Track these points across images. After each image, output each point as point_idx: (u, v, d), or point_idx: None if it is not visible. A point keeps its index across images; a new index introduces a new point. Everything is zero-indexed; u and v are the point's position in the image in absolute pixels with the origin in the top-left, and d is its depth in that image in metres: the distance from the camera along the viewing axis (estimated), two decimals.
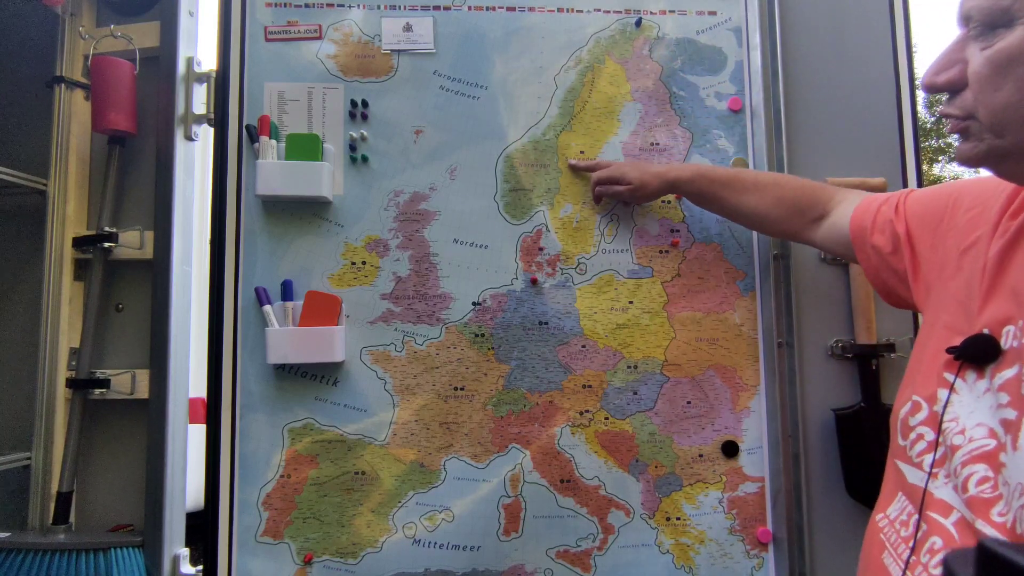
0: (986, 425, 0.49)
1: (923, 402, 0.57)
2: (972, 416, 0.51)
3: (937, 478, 0.53)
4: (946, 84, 0.49)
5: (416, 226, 0.98)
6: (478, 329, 0.97)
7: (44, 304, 1.03)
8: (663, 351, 0.98)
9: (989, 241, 0.55)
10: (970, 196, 0.61)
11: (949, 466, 0.51)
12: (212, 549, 0.92)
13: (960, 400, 0.52)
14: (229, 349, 0.95)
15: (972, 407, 0.51)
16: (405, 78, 0.99)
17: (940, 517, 0.51)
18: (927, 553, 0.50)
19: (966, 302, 0.56)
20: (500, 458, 0.96)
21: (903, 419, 0.59)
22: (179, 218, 1.02)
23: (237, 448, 0.94)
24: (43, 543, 0.96)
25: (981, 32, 0.47)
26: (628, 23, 1.01)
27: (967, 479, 0.48)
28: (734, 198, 0.87)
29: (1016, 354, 0.48)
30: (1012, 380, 0.48)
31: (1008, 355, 0.49)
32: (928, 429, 0.56)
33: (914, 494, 0.55)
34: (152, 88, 1.05)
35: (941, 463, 0.53)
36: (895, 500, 0.58)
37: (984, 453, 0.48)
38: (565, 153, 1.00)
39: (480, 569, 0.94)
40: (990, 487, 0.47)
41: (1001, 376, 0.49)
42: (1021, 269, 0.51)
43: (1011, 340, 0.49)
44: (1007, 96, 0.46)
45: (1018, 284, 0.51)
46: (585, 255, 0.99)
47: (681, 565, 0.95)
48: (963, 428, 0.51)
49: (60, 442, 1.01)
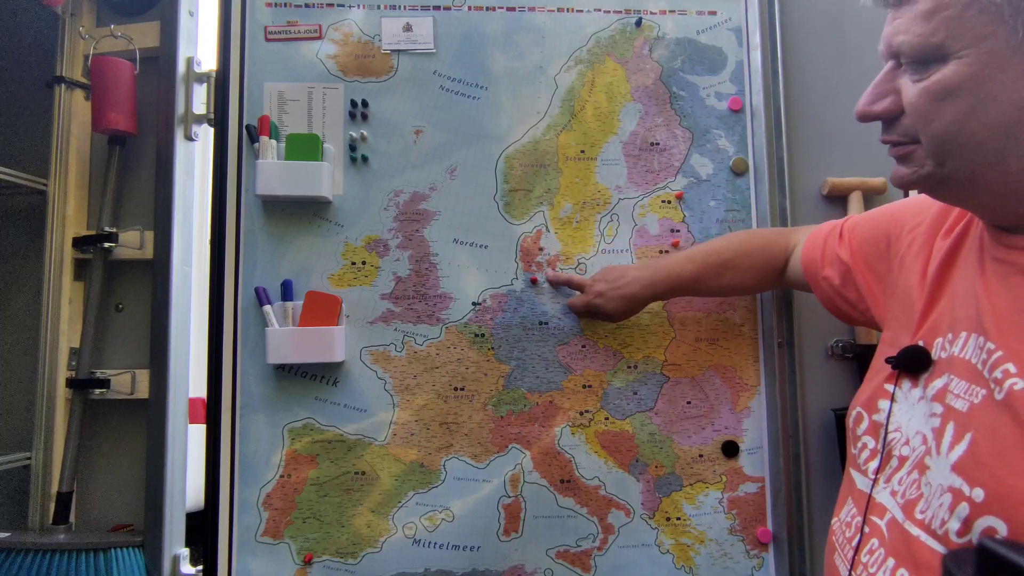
0: (921, 432, 0.52)
1: (864, 412, 0.61)
2: (911, 424, 0.54)
3: (878, 483, 0.57)
4: (884, 112, 0.51)
5: (416, 226, 0.98)
6: (478, 329, 0.97)
7: (44, 304, 1.03)
8: (663, 351, 0.98)
9: (926, 259, 0.59)
10: (910, 215, 0.65)
11: (896, 474, 0.54)
12: (212, 549, 0.92)
13: (899, 409, 0.56)
14: (229, 349, 0.95)
15: (909, 415, 0.55)
16: (405, 78, 0.99)
17: (877, 519, 0.55)
18: (867, 553, 0.54)
19: (905, 318, 0.60)
20: (500, 458, 0.96)
21: (851, 429, 0.64)
22: (179, 218, 1.02)
23: (237, 448, 0.94)
24: (43, 543, 0.96)
25: (913, 68, 0.48)
26: (628, 23, 1.01)
27: (908, 486, 0.52)
28: (712, 284, 0.88)
29: (945, 364, 0.52)
30: (941, 390, 0.51)
31: (938, 365, 0.53)
32: (870, 438, 0.60)
33: (860, 499, 0.59)
34: (152, 88, 1.05)
35: (882, 469, 0.57)
36: (846, 505, 0.62)
37: (919, 460, 0.52)
38: (565, 153, 1.00)
39: (480, 569, 0.94)
40: (916, 489, 0.51)
41: (933, 386, 0.52)
42: (955, 285, 0.55)
43: (939, 351, 0.53)
44: (946, 126, 0.46)
45: (952, 300, 0.54)
46: (585, 255, 0.99)
47: (681, 565, 0.95)
48: (907, 439, 0.54)
49: (60, 442, 1.01)
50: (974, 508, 0.43)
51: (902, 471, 0.54)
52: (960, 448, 0.46)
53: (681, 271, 0.88)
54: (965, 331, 0.51)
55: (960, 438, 0.47)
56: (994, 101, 0.44)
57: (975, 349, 0.49)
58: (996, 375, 0.45)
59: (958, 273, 0.55)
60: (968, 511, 0.44)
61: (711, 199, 1.00)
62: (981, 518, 0.43)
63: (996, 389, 0.45)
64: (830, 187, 0.99)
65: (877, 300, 0.68)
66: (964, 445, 0.46)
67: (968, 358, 0.49)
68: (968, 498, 0.44)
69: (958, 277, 0.55)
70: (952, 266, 0.56)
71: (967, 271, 0.54)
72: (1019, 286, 0.47)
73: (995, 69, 0.44)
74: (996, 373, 0.45)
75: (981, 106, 0.45)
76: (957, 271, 0.55)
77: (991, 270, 0.51)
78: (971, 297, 0.51)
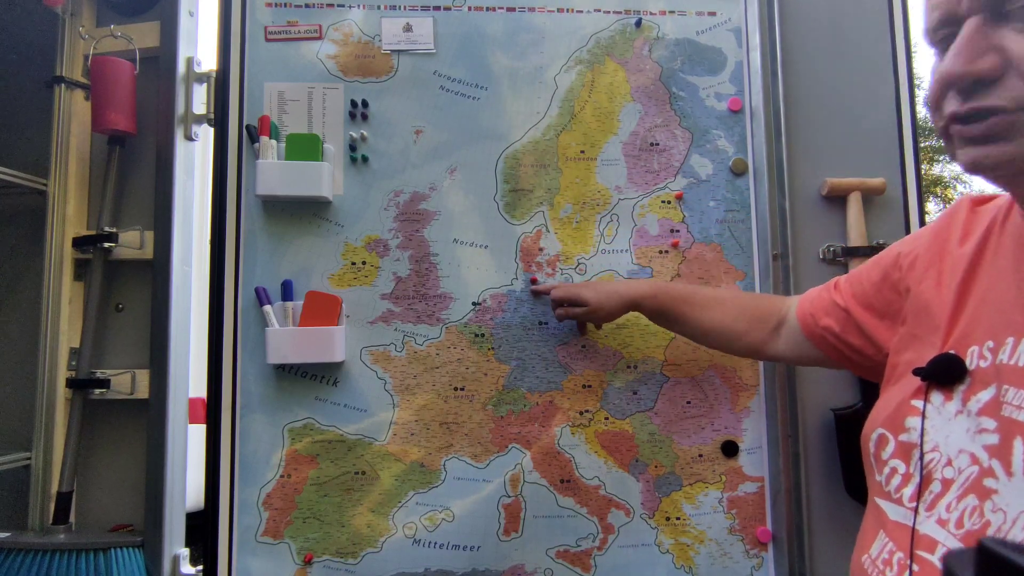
0: (967, 451, 0.47)
1: (888, 433, 0.55)
2: (950, 442, 0.49)
3: (919, 513, 0.50)
4: (990, 71, 0.41)
5: (416, 226, 0.98)
6: (478, 329, 0.97)
7: (44, 304, 1.03)
8: (663, 351, 0.98)
9: (939, 271, 0.55)
10: (903, 245, 0.62)
11: (941, 500, 0.48)
12: (212, 549, 0.92)
13: (933, 425, 0.50)
14: (229, 349, 0.95)
15: (946, 431, 0.49)
16: (405, 78, 0.99)
17: (927, 554, 0.48)
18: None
19: (927, 334, 0.55)
20: (500, 458, 0.96)
21: (874, 455, 0.57)
22: (179, 218, 1.02)
23: (237, 448, 0.94)
24: (43, 543, 0.96)
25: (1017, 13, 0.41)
26: (628, 23, 1.02)
27: (962, 513, 0.46)
28: (696, 313, 0.83)
29: (987, 374, 0.47)
30: (991, 403, 0.46)
31: (976, 375, 0.48)
32: (899, 462, 0.53)
33: (897, 532, 0.52)
34: (152, 88, 1.05)
35: (921, 496, 0.50)
36: (876, 539, 0.54)
37: (973, 483, 0.46)
38: (565, 153, 1.00)
39: (480, 569, 0.94)
40: (979, 516, 0.44)
41: (977, 400, 0.47)
42: (984, 292, 0.50)
43: (977, 360, 0.48)
44: None
45: (983, 306, 0.50)
46: (585, 255, 0.99)
47: (681, 565, 0.95)
48: (948, 459, 0.48)
49: (60, 442, 1.01)
50: None
51: (949, 496, 0.47)
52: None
53: (671, 286, 0.87)
54: (1013, 336, 0.46)
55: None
56: None
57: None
58: None
59: (985, 278, 0.51)
60: None
61: (711, 199, 1.00)
62: None
63: None
64: (829, 187, 0.99)
65: (884, 336, 0.63)
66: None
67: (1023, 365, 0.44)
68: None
69: (986, 282, 0.51)
70: (976, 271, 0.52)
71: (997, 275, 0.50)
72: None
73: None
74: None
75: None
76: (983, 276, 0.51)
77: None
78: (1009, 299, 0.47)
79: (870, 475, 0.58)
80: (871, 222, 0.99)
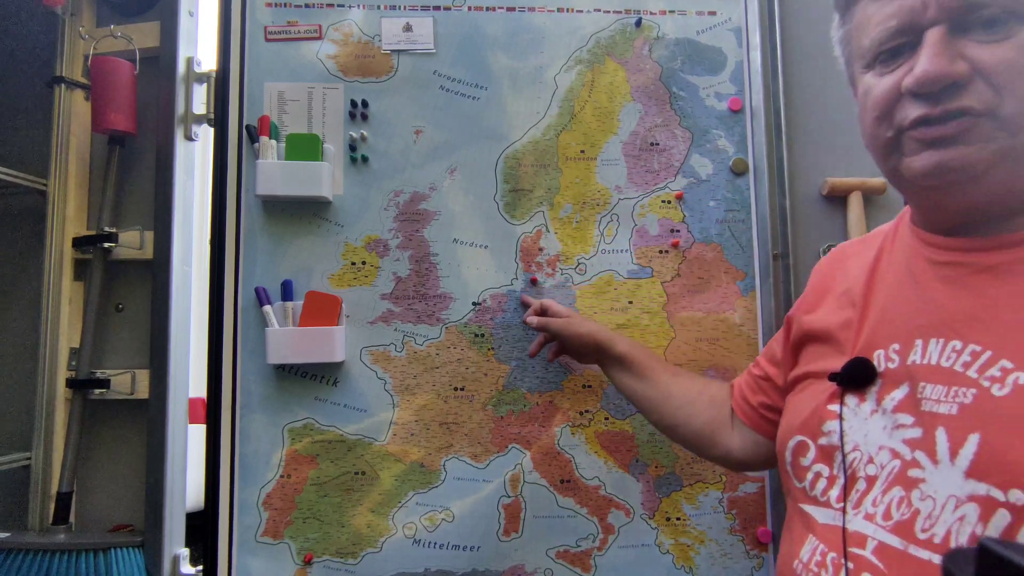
0: (887, 447, 0.49)
1: (808, 440, 0.57)
2: (869, 441, 0.51)
3: (847, 512, 0.51)
4: (963, 74, 0.44)
5: (416, 226, 0.98)
6: (478, 329, 0.97)
7: (44, 304, 1.03)
8: (663, 351, 0.98)
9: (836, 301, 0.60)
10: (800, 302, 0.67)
11: (866, 497, 0.50)
12: (212, 549, 0.92)
13: (850, 427, 0.52)
14: (229, 349, 0.95)
15: (864, 431, 0.51)
16: (405, 78, 0.99)
17: (858, 550, 0.49)
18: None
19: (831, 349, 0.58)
20: (500, 458, 0.96)
21: (792, 463, 0.58)
22: (179, 218, 1.02)
23: (237, 448, 0.94)
24: (43, 543, 0.96)
25: (992, 26, 0.44)
26: (628, 23, 1.01)
27: (889, 505, 0.48)
28: (666, 378, 0.81)
29: (897, 374, 0.50)
30: (906, 400, 0.49)
31: (886, 376, 0.51)
32: (822, 465, 0.55)
33: (827, 534, 0.53)
34: (152, 88, 1.05)
35: (848, 495, 0.52)
36: (806, 543, 0.55)
37: (897, 475, 0.48)
38: (565, 153, 1.00)
39: (480, 569, 0.94)
40: (907, 507, 0.46)
41: (891, 398, 0.50)
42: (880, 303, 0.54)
43: (885, 363, 0.51)
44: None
45: (880, 316, 0.54)
46: (585, 255, 0.99)
47: (681, 565, 0.95)
48: (869, 456, 0.50)
49: (60, 442, 1.01)
50: (1018, 512, 0.40)
51: (874, 492, 0.49)
52: (967, 452, 0.43)
53: (635, 343, 0.85)
54: (921, 339, 0.49)
55: (962, 441, 0.44)
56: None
57: (948, 353, 0.47)
58: (992, 373, 0.44)
59: (883, 290, 0.55)
60: (1010, 518, 0.40)
61: (711, 199, 1.00)
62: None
63: (994, 386, 0.44)
64: (830, 187, 0.99)
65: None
66: (972, 448, 0.43)
67: (938, 363, 0.48)
68: (1006, 504, 0.40)
69: (884, 293, 0.55)
70: (872, 286, 0.56)
71: (895, 284, 0.54)
72: (984, 284, 0.47)
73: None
74: (992, 371, 0.44)
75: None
76: (880, 288, 0.55)
77: (937, 275, 0.50)
78: (914, 306, 0.51)
79: (789, 483, 0.60)
80: (872, 222, 0.99)
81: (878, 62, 0.50)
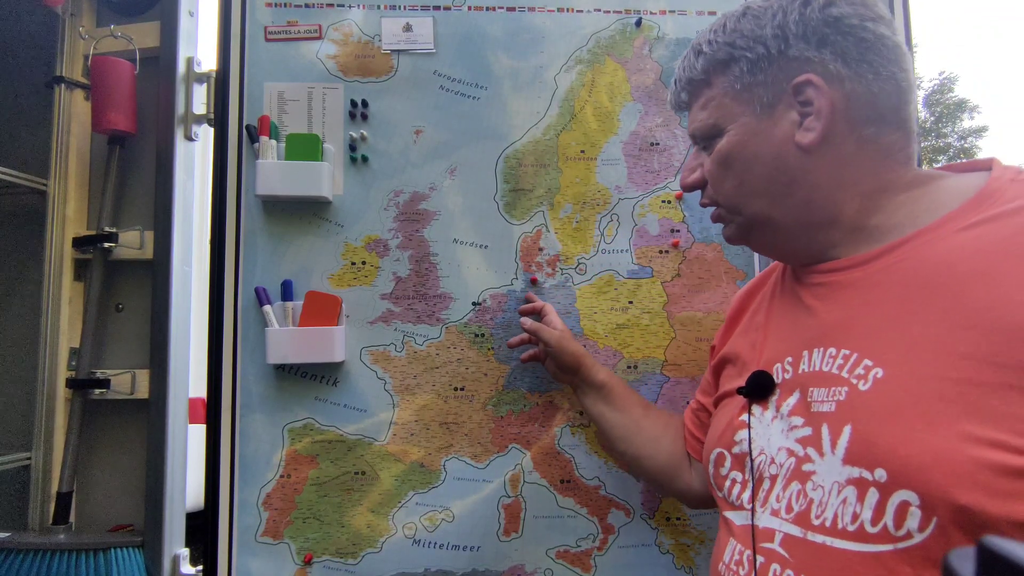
0: (784, 447, 0.56)
1: (724, 451, 0.64)
2: (771, 444, 0.57)
3: (756, 512, 0.57)
4: (694, 182, 0.64)
5: (416, 226, 0.98)
6: (478, 329, 0.97)
7: (44, 304, 1.03)
8: (663, 351, 0.98)
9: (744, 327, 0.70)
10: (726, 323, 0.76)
11: (771, 495, 0.56)
12: (212, 549, 0.92)
13: (757, 434, 0.60)
14: (229, 349, 0.95)
15: (767, 436, 0.58)
16: (405, 78, 0.99)
17: (767, 544, 0.55)
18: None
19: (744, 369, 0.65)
20: (500, 458, 0.96)
21: (714, 474, 0.65)
22: (179, 218, 1.02)
23: (237, 448, 0.94)
24: (43, 543, 0.96)
25: (705, 144, 0.63)
26: (628, 23, 1.02)
27: (790, 499, 0.54)
28: (639, 411, 0.84)
29: (791, 384, 0.57)
30: (799, 404, 0.56)
31: (783, 386, 0.58)
32: (737, 472, 0.62)
33: (742, 534, 0.59)
34: (152, 88, 1.05)
35: (755, 495, 0.58)
36: (728, 547, 0.61)
37: (793, 471, 0.54)
38: (565, 153, 1.00)
39: (480, 569, 0.94)
40: (804, 498, 0.52)
41: (787, 404, 0.57)
42: (775, 325, 0.64)
43: (782, 374, 0.59)
44: (731, 184, 0.61)
45: (776, 336, 0.63)
46: (585, 255, 0.99)
47: (681, 565, 0.95)
48: (771, 458, 0.57)
49: (60, 442, 1.01)
50: (882, 489, 0.46)
51: (776, 489, 0.55)
52: (843, 442, 0.50)
53: (613, 374, 0.88)
54: (807, 350, 0.57)
55: (839, 433, 0.50)
56: (757, 158, 0.58)
57: (827, 359, 0.54)
58: (858, 371, 0.51)
59: (777, 314, 0.65)
60: (878, 495, 0.46)
61: None
62: (893, 495, 0.45)
63: (860, 383, 0.50)
64: None
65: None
66: (846, 438, 0.49)
67: (820, 369, 0.55)
68: (873, 482, 0.46)
69: (778, 316, 0.64)
70: (770, 312, 0.66)
71: (780, 309, 0.64)
72: (847, 297, 0.55)
73: (751, 135, 0.58)
74: (858, 370, 0.51)
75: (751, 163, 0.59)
76: (775, 313, 0.65)
77: (813, 294, 0.59)
78: (796, 324, 0.60)
79: (714, 494, 0.66)
80: None
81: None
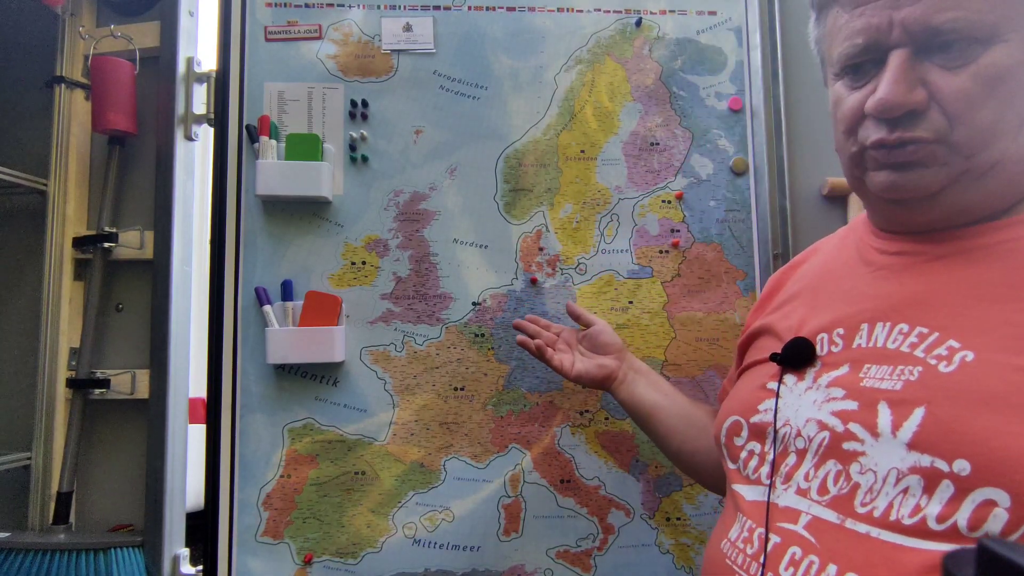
0: (814, 419, 0.50)
1: (741, 420, 0.58)
2: (799, 416, 0.52)
3: (776, 488, 0.52)
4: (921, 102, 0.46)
5: (416, 226, 0.98)
6: (478, 329, 0.97)
7: (44, 304, 1.03)
8: (663, 351, 0.98)
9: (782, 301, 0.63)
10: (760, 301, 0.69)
11: (796, 471, 0.50)
12: (212, 549, 0.92)
13: (785, 404, 0.54)
14: (229, 349, 0.95)
15: (796, 407, 0.52)
16: (405, 78, 0.99)
17: (789, 525, 0.49)
18: (788, 566, 0.47)
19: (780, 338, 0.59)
20: (500, 458, 0.96)
21: (727, 443, 0.59)
22: (179, 218, 1.02)
23: (237, 448, 0.94)
24: (43, 543, 0.96)
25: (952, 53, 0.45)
26: (628, 23, 1.01)
27: (824, 479, 0.48)
28: (685, 399, 0.81)
29: (838, 358, 0.51)
30: (844, 377, 0.50)
31: (829, 359, 0.52)
32: (755, 443, 0.56)
33: (754, 510, 0.53)
34: (152, 88, 1.05)
35: (776, 471, 0.52)
36: (735, 524, 0.55)
37: (828, 448, 0.48)
38: (565, 153, 1.00)
39: (480, 569, 0.94)
40: (846, 481, 0.46)
41: (829, 375, 0.51)
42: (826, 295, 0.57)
43: (828, 346, 0.53)
44: (991, 114, 0.45)
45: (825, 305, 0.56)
46: (585, 255, 0.99)
47: (681, 565, 0.95)
48: (797, 430, 0.51)
49: (60, 442, 1.01)
50: (961, 483, 0.40)
51: (805, 466, 0.50)
52: (911, 424, 0.43)
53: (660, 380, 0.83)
54: (867, 323, 0.51)
55: (906, 415, 0.44)
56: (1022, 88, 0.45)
57: (896, 336, 0.48)
58: (939, 352, 0.45)
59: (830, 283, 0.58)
60: (953, 489, 0.40)
61: (711, 199, 1.00)
62: (974, 491, 0.39)
63: (941, 364, 0.44)
64: (830, 187, 0.99)
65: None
66: (916, 420, 0.43)
67: (884, 346, 0.49)
68: (949, 474, 0.40)
69: (831, 286, 0.57)
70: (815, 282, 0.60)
71: (833, 280, 0.57)
72: (933, 272, 0.49)
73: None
74: (939, 350, 0.45)
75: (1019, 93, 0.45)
76: (828, 282, 0.58)
77: (887, 264, 0.53)
78: (861, 292, 0.53)
79: (725, 465, 0.61)
80: None
81: (846, 74, 0.51)
